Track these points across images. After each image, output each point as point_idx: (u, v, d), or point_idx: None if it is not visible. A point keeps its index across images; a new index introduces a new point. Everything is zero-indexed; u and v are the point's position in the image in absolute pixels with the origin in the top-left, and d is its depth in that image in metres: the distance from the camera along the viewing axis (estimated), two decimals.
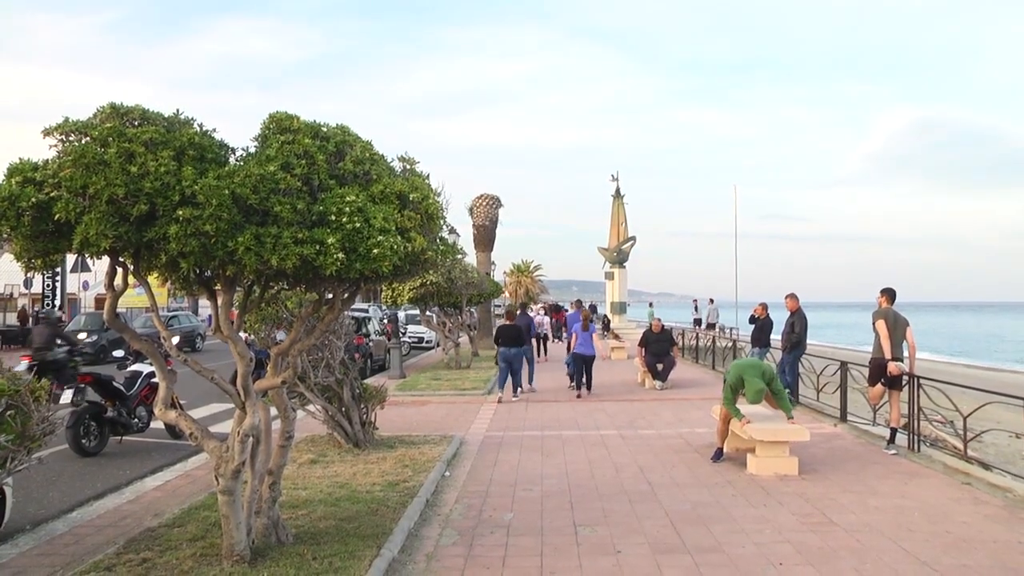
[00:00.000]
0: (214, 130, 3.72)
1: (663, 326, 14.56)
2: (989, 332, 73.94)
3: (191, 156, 3.46)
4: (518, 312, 15.67)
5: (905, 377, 7.85)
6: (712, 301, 28.50)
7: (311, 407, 7.86)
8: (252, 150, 3.77)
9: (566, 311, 25.43)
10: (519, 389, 12.55)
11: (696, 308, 27.93)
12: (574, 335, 13.27)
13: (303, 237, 3.47)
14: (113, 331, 7.27)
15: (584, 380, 12.75)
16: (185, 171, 3.36)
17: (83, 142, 3.40)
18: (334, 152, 3.85)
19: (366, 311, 25.84)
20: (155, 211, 3.37)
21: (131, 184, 3.29)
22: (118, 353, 9.67)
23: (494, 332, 14.34)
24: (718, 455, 7.47)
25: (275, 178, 3.47)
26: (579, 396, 12.48)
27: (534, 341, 17.37)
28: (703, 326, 27.26)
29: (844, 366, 9.66)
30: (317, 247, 3.47)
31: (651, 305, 32.20)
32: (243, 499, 4.34)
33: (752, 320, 12.46)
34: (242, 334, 5.32)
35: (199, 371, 4.21)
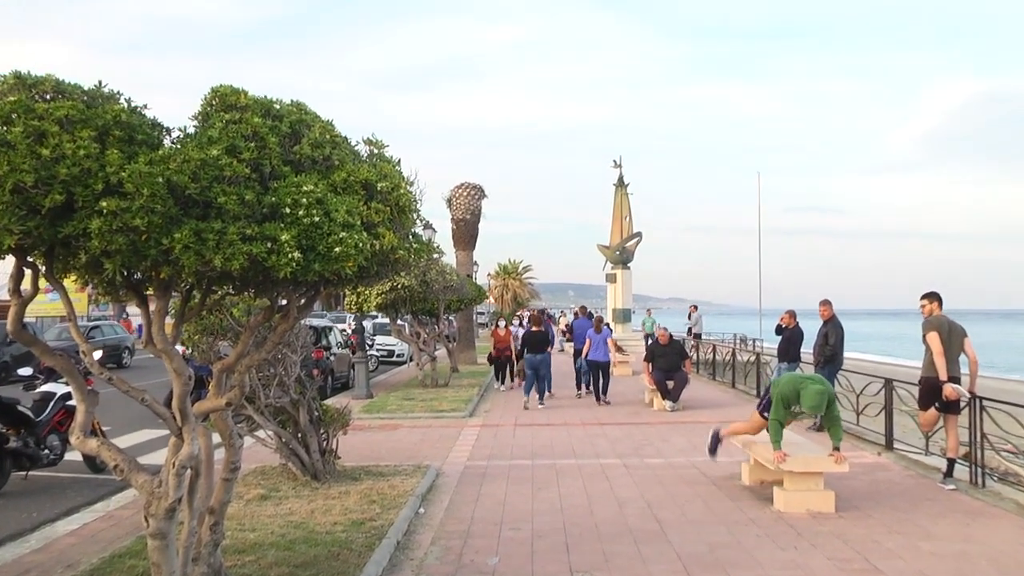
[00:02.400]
0: (145, 106, 3.69)
1: (671, 336, 14.63)
2: None
3: (117, 137, 3.43)
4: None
5: (964, 399, 7.77)
6: (695, 308, 29.10)
7: (261, 433, 7.83)
8: (191, 131, 3.74)
9: (551, 318, 25.81)
10: (545, 394, 14.41)
11: (690, 316, 28.32)
12: (588, 340, 14.84)
13: (252, 233, 3.46)
14: (19, 345, 7.19)
15: (601, 387, 14.63)
16: (110, 155, 3.33)
17: None
18: (289, 133, 3.84)
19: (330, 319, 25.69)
20: (73, 202, 3.33)
21: (42, 170, 3.25)
22: (25, 371, 9.53)
23: (522, 339, 15.82)
24: (715, 444, 7.80)
25: (219, 164, 3.46)
26: (600, 403, 14.52)
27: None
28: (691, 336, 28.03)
29: (889, 384, 9.72)
30: (268, 245, 3.46)
31: (649, 313, 31.96)
32: (178, 544, 4.30)
33: (779, 331, 12.53)
34: (179, 347, 5.28)
35: (127, 391, 4.17)
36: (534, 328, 15.00)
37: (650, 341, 29.11)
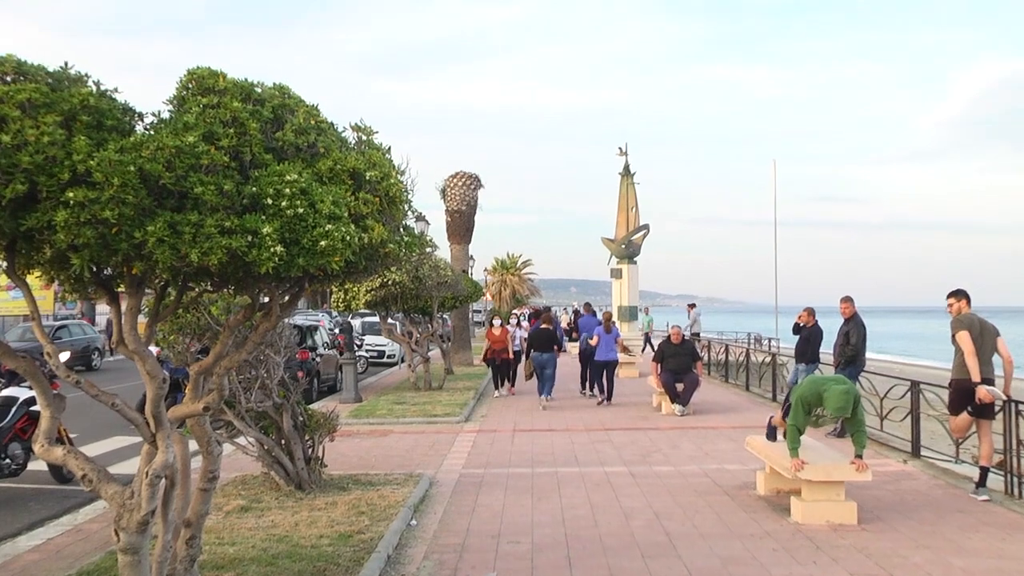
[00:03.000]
0: (115, 89, 3.69)
1: (684, 336, 14.71)
2: None
3: (85, 123, 3.43)
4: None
5: (999, 402, 7.79)
6: (693, 306, 29.34)
7: (241, 440, 7.84)
8: (166, 116, 3.75)
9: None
10: (544, 396, 14.92)
11: (690, 314, 28.50)
12: (596, 337, 15.34)
13: (231, 226, 3.47)
14: None
15: (606, 388, 15.11)
16: (77, 142, 3.33)
17: None
18: (271, 119, 3.85)
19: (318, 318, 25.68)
20: (36, 192, 3.34)
21: (3, 158, 3.26)
22: None
23: (528, 338, 16.34)
24: (772, 432, 7.87)
25: (195, 151, 3.47)
26: (600, 403, 15.02)
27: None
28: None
29: (915, 387, 9.75)
30: (249, 238, 3.48)
31: (647, 311, 31.86)
32: (151, 559, 4.32)
33: (796, 330, 12.55)
34: (153, 348, 5.29)
35: (96, 396, 4.18)
36: (543, 326, 15.52)
37: (647, 341, 29.28)
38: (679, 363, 13.84)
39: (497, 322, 17.64)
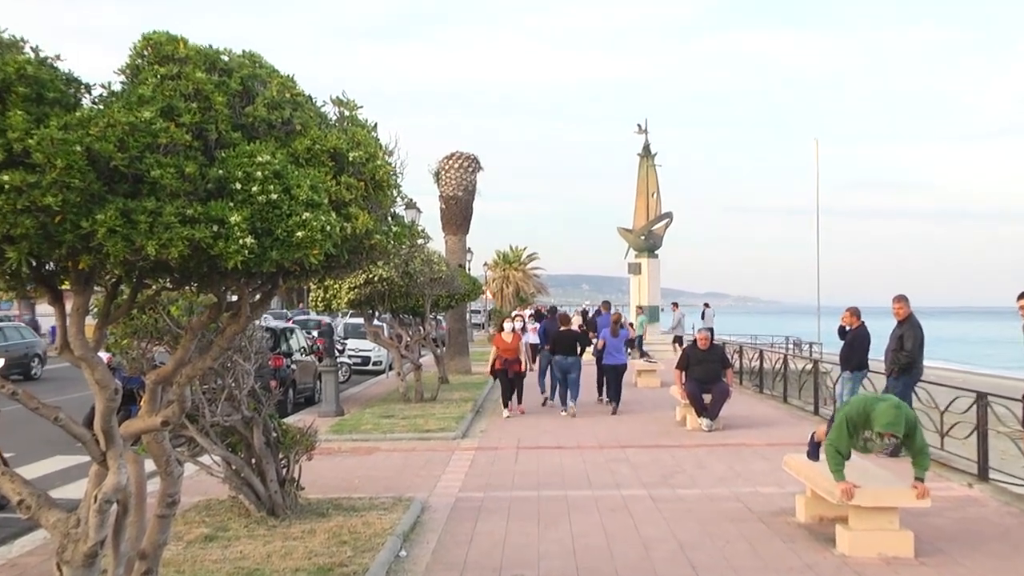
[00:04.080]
0: (58, 57, 3.69)
1: (712, 340, 14.77)
2: None
3: (21, 95, 3.42)
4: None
5: None
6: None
7: (206, 459, 7.84)
8: (118, 88, 3.74)
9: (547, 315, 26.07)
10: (570, 404, 15.48)
11: (704, 315, 28.50)
12: (601, 341, 16.10)
13: (194, 214, 3.48)
14: None
15: (613, 395, 15.90)
16: (12, 117, 3.33)
17: None
18: (239, 92, 3.85)
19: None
20: None
21: None
22: None
23: (551, 340, 16.66)
24: (814, 450, 7.67)
25: (152, 129, 3.47)
26: (615, 413, 15.66)
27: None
28: (671, 340, 29.49)
29: (982, 399, 9.71)
30: (215, 228, 3.48)
31: (640, 311, 30.63)
32: None
33: (842, 333, 12.55)
34: (103, 354, 5.28)
35: (36, 409, 4.18)
36: (563, 328, 16.39)
37: (643, 346, 29.40)
38: (706, 371, 13.81)
39: (509, 326, 16.65)
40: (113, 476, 4.16)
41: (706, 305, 30.25)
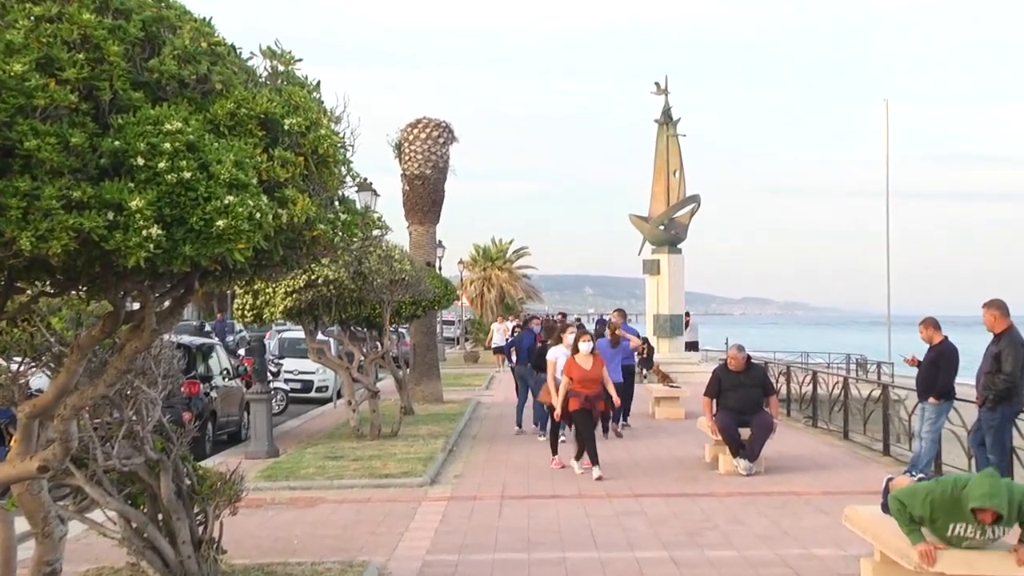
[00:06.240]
0: None
1: (750, 359, 14.63)
2: None
3: None
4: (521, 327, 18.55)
5: None
6: (716, 315, 29.81)
7: (98, 514, 7.82)
8: None
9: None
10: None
11: (687, 326, 28.81)
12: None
13: (82, 197, 3.48)
14: None
15: (613, 414, 16.76)
16: None
17: None
18: (140, 39, 3.84)
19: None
20: None
21: None
22: None
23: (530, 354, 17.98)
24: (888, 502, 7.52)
25: (25, 86, 3.46)
26: (619, 435, 17.21)
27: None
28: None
29: None
30: (110, 216, 3.49)
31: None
32: None
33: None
34: None
35: None
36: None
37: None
38: (743, 398, 13.78)
39: (587, 345, 14.25)
40: None
41: (687, 315, 30.16)
